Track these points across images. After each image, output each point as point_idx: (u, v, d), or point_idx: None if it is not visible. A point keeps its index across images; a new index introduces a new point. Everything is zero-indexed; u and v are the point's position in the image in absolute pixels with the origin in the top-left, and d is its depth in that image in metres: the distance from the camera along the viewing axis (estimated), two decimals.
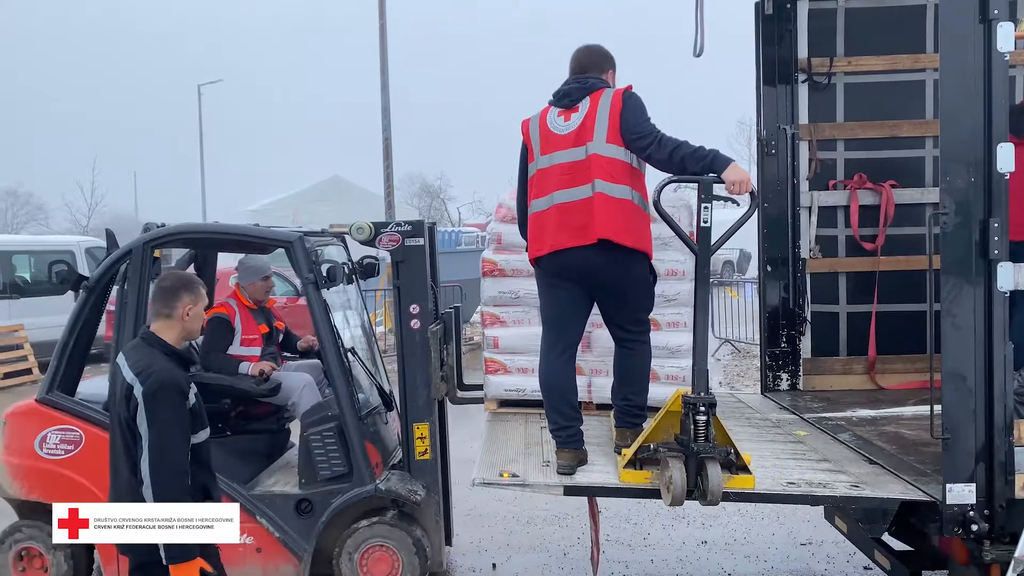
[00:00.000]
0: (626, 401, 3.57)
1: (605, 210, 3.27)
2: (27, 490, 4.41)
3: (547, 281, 3.52)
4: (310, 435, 4.31)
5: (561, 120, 3.43)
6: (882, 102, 4.96)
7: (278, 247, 4.63)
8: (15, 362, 11.95)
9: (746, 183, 3.14)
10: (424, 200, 44.68)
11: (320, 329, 4.35)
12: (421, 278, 4.32)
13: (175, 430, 2.80)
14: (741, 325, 12.97)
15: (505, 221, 4.44)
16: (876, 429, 4.00)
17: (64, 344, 4.48)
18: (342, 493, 4.23)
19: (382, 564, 4.25)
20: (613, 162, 3.30)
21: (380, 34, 16.91)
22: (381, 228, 4.32)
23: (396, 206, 18.12)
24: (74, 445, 4.33)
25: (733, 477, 3.10)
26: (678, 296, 4.38)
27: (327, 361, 4.38)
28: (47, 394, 4.44)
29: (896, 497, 3.06)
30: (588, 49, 3.61)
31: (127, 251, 4.39)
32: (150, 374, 2.78)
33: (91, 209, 46.45)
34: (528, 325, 4.43)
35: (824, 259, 4.98)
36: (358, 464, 4.23)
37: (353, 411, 4.28)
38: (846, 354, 5.04)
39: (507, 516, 5.83)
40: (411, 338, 4.33)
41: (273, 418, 4.97)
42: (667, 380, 4.28)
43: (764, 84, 4.90)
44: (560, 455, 3.43)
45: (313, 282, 4.30)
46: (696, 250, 3.21)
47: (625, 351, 3.56)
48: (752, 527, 5.56)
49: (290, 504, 4.26)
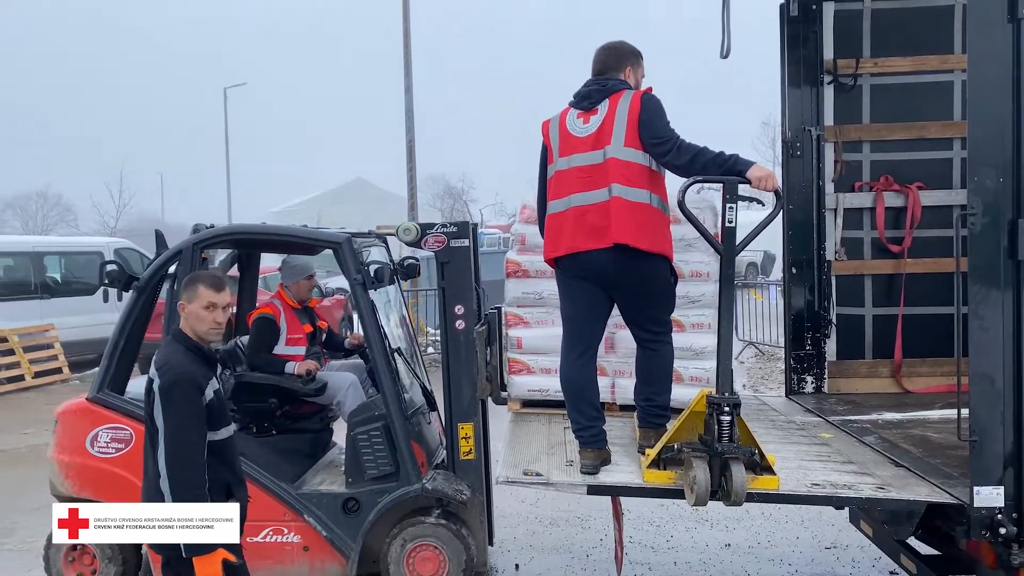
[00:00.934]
0: (648, 401, 3.57)
1: (622, 214, 3.27)
2: (78, 488, 4.47)
3: (566, 282, 3.54)
4: (357, 434, 4.34)
5: (580, 122, 3.43)
6: (909, 103, 4.93)
7: (326, 248, 4.65)
8: (46, 361, 12.14)
9: (771, 179, 3.14)
10: (447, 202, 44.77)
11: (368, 329, 4.39)
12: (466, 279, 4.34)
13: (189, 424, 2.84)
14: (765, 327, 12.88)
15: (529, 222, 4.47)
16: (902, 432, 3.98)
17: (114, 344, 4.52)
18: (389, 492, 4.24)
19: (429, 563, 4.26)
20: (631, 166, 3.31)
21: (404, 37, 17.00)
22: (427, 229, 4.35)
23: (419, 207, 18.18)
24: (125, 444, 4.37)
25: (757, 478, 3.09)
26: (702, 297, 4.38)
27: (374, 361, 4.42)
28: (98, 393, 4.48)
29: (923, 500, 3.05)
30: (608, 48, 3.58)
31: (177, 251, 4.43)
32: (168, 369, 2.86)
33: (119, 210, 47.15)
34: (551, 326, 4.43)
35: (849, 261, 4.96)
36: (405, 463, 4.25)
37: (400, 411, 4.30)
38: (871, 357, 5.01)
39: (530, 517, 5.85)
40: (456, 339, 4.34)
41: (317, 417, 5.01)
42: (691, 382, 4.29)
43: (789, 86, 4.89)
44: (583, 455, 3.44)
45: (361, 283, 4.34)
46: (721, 250, 3.20)
47: (647, 352, 3.56)
48: (776, 530, 5.54)
49: (337, 503, 4.29)
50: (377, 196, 33.71)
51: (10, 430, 9.27)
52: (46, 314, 12.47)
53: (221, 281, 3.07)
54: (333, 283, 13.24)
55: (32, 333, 12.17)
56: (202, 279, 3.07)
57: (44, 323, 12.36)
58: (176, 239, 4.62)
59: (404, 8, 16.84)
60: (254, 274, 5.65)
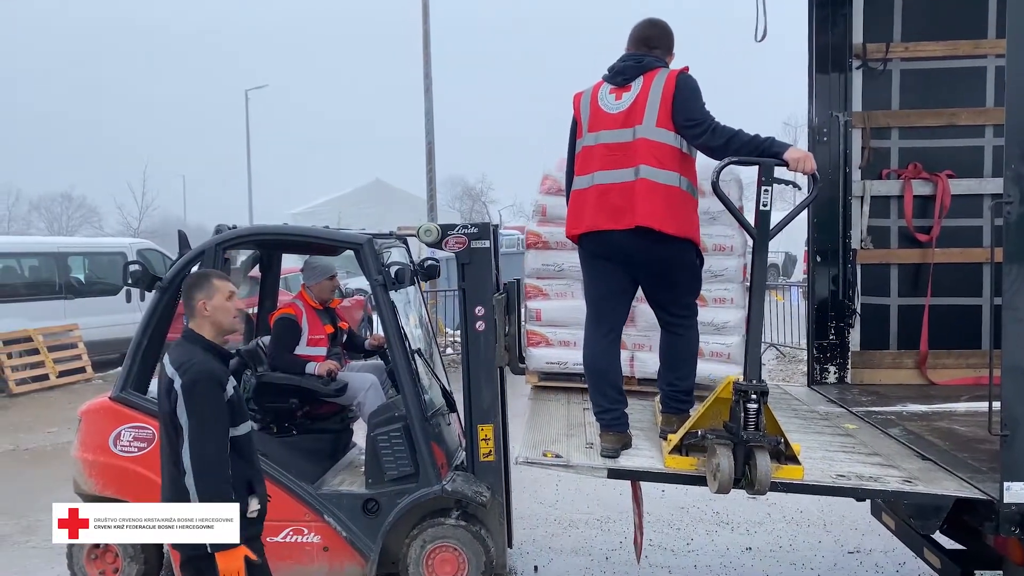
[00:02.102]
0: (672, 387, 3.50)
1: (648, 196, 3.20)
2: (101, 486, 4.51)
3: (589, 261, 3.48)
4: (377, 435, 4.33)
5: (612, 98, 3.34)
6: (940, 89, 4.84)
7: (347, 249, 4.67)
8: (70, 361, 12.26)
9: (808, 160, 3.06)
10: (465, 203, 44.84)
11: (388, 330, 4.39)
12: (487, 280, 4.33)
13: (213, 420, 2.88)
14: (786, 329, 12.78)
15: (550, 193, 4.45)
16: (928, 424, 3.93)
17: (137, 343, 4.56)
18: (409, 493, 4.24)
19: (448, 565, 4.25)
20: (661, 147, 3.22)
21: (424, 39, 17.03)
22: (448, 230, 4.34)
23: (438, 209, 18.20)
24: (147, 443, 4.40)
25: (781, 467, 3.04)
26: (725, 271, 4.30)
27: (394, 362, 4.41)
28: (121, 392, 4.52)
29: (951, 494, 3.00)
30: (653, 23, 3.47)
31: (200, 252, 4.46)
32: (189, 368, 2.89)
33: (142, 212, 47.59)
34: (571, 298, 4.42)
35: (876, 250, 4.89)
36: (425, 465, 4.25)
37: (420, 412, 4.30)
38: (896, 348, 4.95)
39: (548, 519, 5.81)
40: (476, 340, 4.32)
41: (337, 418, 5.03)
42: (712, 357, 4.24)
43: (817, 71, 4.83)
44: (604, 438, 3.39)
45: (382, 284, 4.34)
46: (754, 233, 3.12)
47: (671, 336, 3.50)
48: (798, 534, 5.47)
49: (357, 504, 4.29)
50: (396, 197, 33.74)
51: (35, 429, 9.37)
52: (70, 314, 12.58)
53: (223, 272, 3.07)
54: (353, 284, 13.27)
55: (56, 333, 12.29)
56: (211, 275, 3.14)
57: (68, 323, 12.48)
58: (198, 240, 4.65)
59: (424, 9, 16.88)
60: (276, 275, 5.66)
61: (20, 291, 12.43)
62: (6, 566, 5.30)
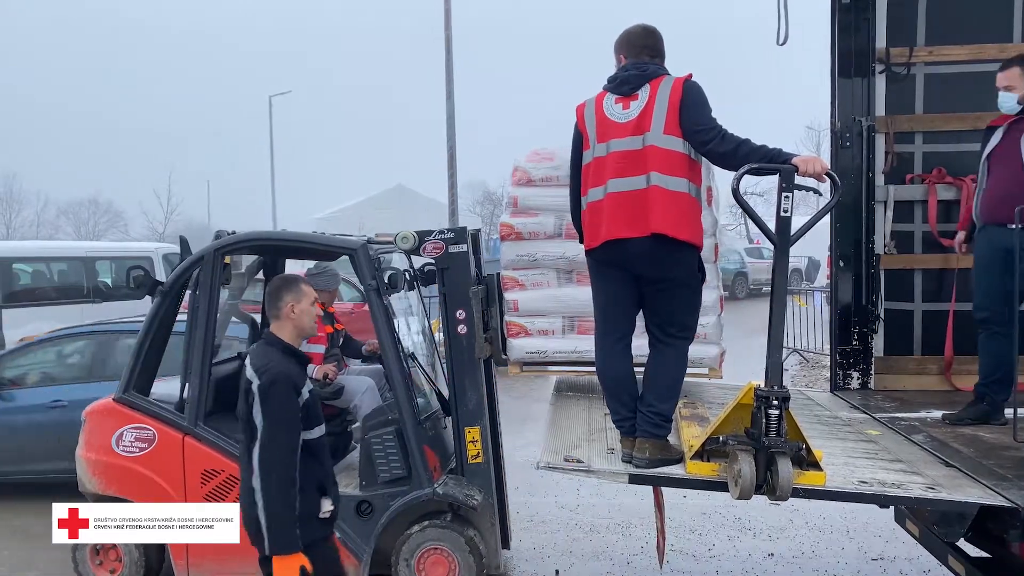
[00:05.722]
0: (650, 407, 3.33)
1: (661, 203, 3.18)
2: (104, 485, 4.60)
3: (598, 270, 3.46)
4: (370, 438, 4.38)
5: (619, 107, 3.32)
6: (964, 93, 4.77)
7: (342, 254, 4.74)
8: None
9: (817, 161, 3.02)
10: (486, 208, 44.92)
11: (382, 334, 4.43)
12: (466, 284, 4.37)
13: (286, 423, 2.95)
14: (809, 334, 12.67)
15: (521, 184, 4.50)
16: (952, 431, 3.87)
17: (140, 346, 4.67)
18: (401, 496, 4.29)
19: (439, 567, 4.30)
20: (671, 154, 3.21)
21: (445, 43, 17.12)
22: (425, 237, 4.39)
23: (459, 213, 18.27)
24: (148, 443, 4.50)
25: (803, 473, 3.00)
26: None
27: (388, 365, 4.46)
28: (123, 393, 4.62)
29: (975, 502, 2.95)
30: (649, 31, 3.47)
31: (199, 257, 4.56)
32: (267, 370, 2.96)
33: (167, 216, 48.34)
34: (546, 287, 4.48)
35: (899, 255, 4.83)
36: (416, 468, 4.29)
37: (412, 415, 4.33)
38: (920, 353, 4.87)
39: (569, 523, 5.82)
40: (459, 343, 4.38)
41: (336, 420, 5.08)
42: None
43: (839, 75, 4.78)
44: (624, 444, 3.38)
45: (375, 288, 4.39)
46: (776, 240, 3.08)
47: (659, 355, 3.40)
48: (820, 540, 5.43)
49: (351, 505, 4.32)
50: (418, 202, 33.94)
51: None
52: (97, 317, 12.75)
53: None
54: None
55: None
56: (298, 279, 3.25)
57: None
58: None
59: (446, 14, 16.98)
60: None
61: (49, 295, 12.61)
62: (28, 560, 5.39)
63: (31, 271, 12.86)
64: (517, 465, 5.31)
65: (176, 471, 4.38)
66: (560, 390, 4.57)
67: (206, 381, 4.49)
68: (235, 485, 4.25)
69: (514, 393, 9.14)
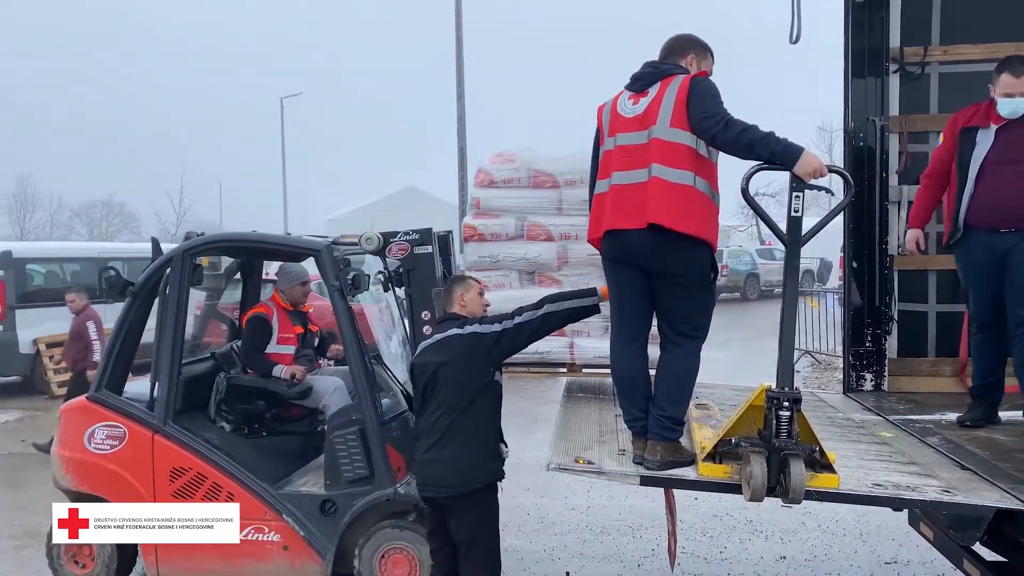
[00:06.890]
0: (661, 411, 3.29)
1: (660, 195, 3.14)
2: (77, 481, 4.62)
3: (609, 267, 3.44)
4: (335, 438, 4.37)
5: (630, 103, 3.33)
6: (980, 93, 4.75)
7: (307, 255, 4.76)
8: None
9: (820, 170, 2.95)
10: None
11: (344, 335, 4.42)
12: (431, 286, 4.36)
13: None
14: (821, 336, 12.61)
15: (483, 186, 4.58)
16: (967, 433, 3.79)
17: (111, 346, 4.73)
18: (363, 495, 4.27)
19: (400, 567, 4.28)
20: (676, 146, 3.16)
21: (456, 45, 17.17)
22: (390, 238, 4.39)
23: None
24: (118, 441, 4.52)
25: (816, 475, 2.94)
26: None
27: (350, 366, 4.46)
28: (96, 392, 4.65)
29: (992, 505, 2.89)
30: (677, 35, 3.51)
31: (168, 259, 4.60)
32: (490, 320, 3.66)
33: (179, 218, 48.62)
34: (509, 288, 4.54)
35: (913, 256, 4.79)
36: (379, 468, 4.27)
37: (375, 415, 4.32)
38: (934, 355, 4.80)
39: (580, 525, 5.78)
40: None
41: (307, 420, 5.10)
42: None
43: (853, 75, 4.71)
44: (636, 445, 3.35)
45: (339, 289, 4.39)
46: (786, 241, 3.04)
47: (669, 355, 3.34)
48: (833, 543, 5.37)
49: (315, 504, 4.33)
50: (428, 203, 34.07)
51: None
52: (110, 317, 12.81)
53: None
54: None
55: None
56: (465, 276, 3.94)
57: (108, 327, 12.68)
58: None
59: (456, 16, 17.02)
60: (257, 280, 5.82)
61: (62, 296, 12.69)
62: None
63: (44, 272, 12.96)
64: (527, 467, 5.27)
65: (145, 468, 4.41)
66: (571, 391, 4.54)
67: (175, 380, 4.52)
68: (202, 483, 4.32)
69: (524, 394, 9.06)
